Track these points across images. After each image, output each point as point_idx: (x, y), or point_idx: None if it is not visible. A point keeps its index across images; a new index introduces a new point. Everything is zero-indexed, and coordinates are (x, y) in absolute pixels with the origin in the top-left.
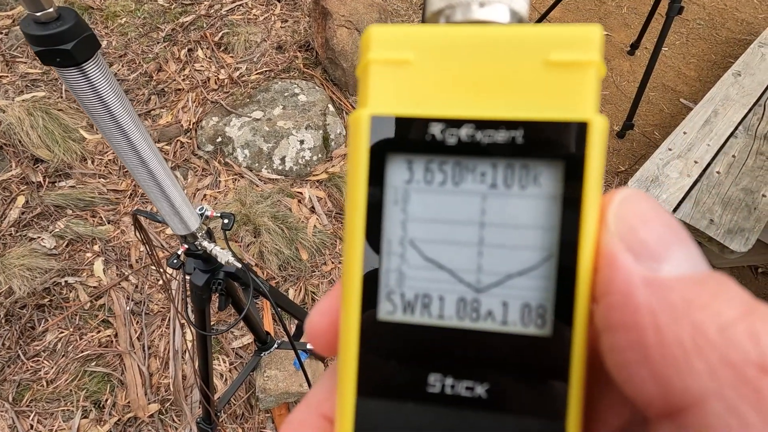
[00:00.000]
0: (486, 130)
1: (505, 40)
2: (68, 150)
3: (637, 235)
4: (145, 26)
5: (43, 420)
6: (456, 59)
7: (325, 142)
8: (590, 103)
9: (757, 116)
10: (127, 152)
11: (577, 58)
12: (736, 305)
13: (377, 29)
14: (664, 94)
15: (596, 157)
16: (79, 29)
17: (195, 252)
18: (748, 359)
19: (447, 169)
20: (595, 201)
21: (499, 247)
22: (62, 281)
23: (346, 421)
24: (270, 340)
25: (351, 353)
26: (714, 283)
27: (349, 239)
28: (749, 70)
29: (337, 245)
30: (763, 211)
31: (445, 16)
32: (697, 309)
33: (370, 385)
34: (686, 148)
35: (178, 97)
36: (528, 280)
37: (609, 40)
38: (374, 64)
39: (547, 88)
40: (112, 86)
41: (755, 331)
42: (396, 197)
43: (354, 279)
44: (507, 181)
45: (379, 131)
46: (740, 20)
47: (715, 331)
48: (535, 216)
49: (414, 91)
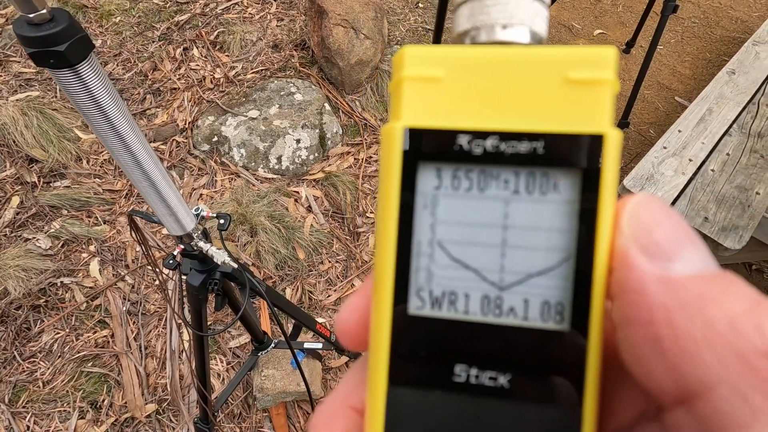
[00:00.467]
0: (509, 141)
1: (526, 59)
2: (63, 150)
3: (650, 236)
4: (140, 25)
5: (40, 421)
6: (482, 77)
7: (322, 141)
8: (606, 117)
9: (751, 114)
10: (122, 153)
11: (594, 76)
12: (744, 300)
13: (411, 49)
14: (660, 93)
15: (611, 167)
16: (73, 30)
17: (191, 252)
18: (754, 349)
19: (473, 177)
20: (610, 207)
21: (521, 249)
22: (58, 282)
23: (377, 408)
24: (267, 340)
25: (383, 345)
26: (723, 281)
27: (381, 240)
28: (743, 68)
29: (334, 244)
30: (757, 209)
31: (470, 37)
32: (707, 305)
33: (400, 374)
34: (681, 146)
35: (174, 97)
36: (547, 280)
37: (604, 38)
38: (407, 81)
39: (565, 104)
40: (106, 87)
41: (761, 324)
42: (426, 202)
43: (386, 277)
44: (528, 188)
45: (412, 142)
46: (735, 18)
47: (724, 325)
48: (554, 220)
49: (444, 105)
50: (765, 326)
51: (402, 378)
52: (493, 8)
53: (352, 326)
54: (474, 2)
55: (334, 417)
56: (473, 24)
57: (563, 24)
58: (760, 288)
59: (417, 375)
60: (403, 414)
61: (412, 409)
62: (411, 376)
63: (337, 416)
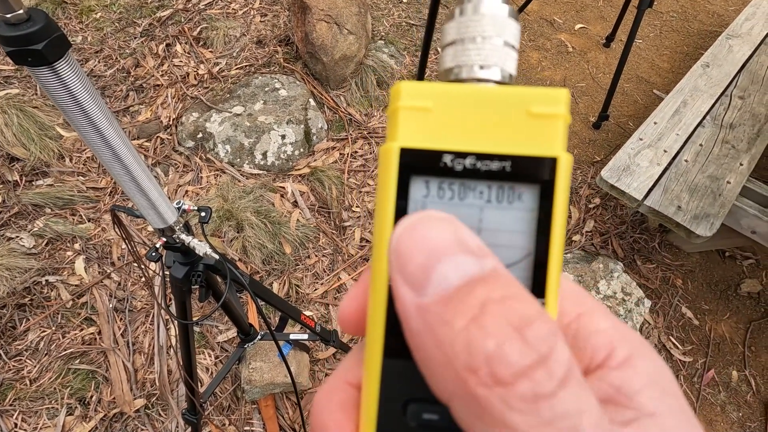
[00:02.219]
0: (484, 160)
1: (498, 95)
2: (45, 148)
3: (406, 268)
4: (121, 21)
5: (27, 418)
6: (463, 108)
7: (307, 136)
8: (559, 144)
9: (724, 106)
10: (102, 148)
11: (550, 111)
12: (464, 316)
13: (406, 84)
14: (639, 86)
15: (563, 182)
16: (50, 30)
17: (173, 245)
18: (465, 365)
19: (454, 188)
20: (562, 213)
21: (492, 246)
22: (43, 280)
23: (373, 378)
24: (253, 332)
25: (379, 324)
26: (458, 296)
27: (378, 238)
28: (717, 61)
29: (320, 239)
30: (727, 197)
31: (454, 73)
32: (441, 328)
33: (394, 348)
34: (656, 137)
35: (157, 93)
36: (513, 272)
37: (585, 32)
38: (403, 110)
39: (528, 132)
40: (83, 84)
41: (469, 341)
42: (416, 207)
43: (383, 268)
44: (498, 198)
45: (405, 159)
46: (711, 12)
47: (449, 347)
48: (519, 224)
49: (432, 130)
50: (473, 343)
51: (396, 351)
52: (472, 51)
53: (353, 312)
54: (457, 45)
55: (333, 392)
56: (456, 63)
57: (545, 19)
58: (732, 273)
59: (408, 349)
60: (396, 380)
61: (403, 377)
62: (403, 349)
63: (336, 391)
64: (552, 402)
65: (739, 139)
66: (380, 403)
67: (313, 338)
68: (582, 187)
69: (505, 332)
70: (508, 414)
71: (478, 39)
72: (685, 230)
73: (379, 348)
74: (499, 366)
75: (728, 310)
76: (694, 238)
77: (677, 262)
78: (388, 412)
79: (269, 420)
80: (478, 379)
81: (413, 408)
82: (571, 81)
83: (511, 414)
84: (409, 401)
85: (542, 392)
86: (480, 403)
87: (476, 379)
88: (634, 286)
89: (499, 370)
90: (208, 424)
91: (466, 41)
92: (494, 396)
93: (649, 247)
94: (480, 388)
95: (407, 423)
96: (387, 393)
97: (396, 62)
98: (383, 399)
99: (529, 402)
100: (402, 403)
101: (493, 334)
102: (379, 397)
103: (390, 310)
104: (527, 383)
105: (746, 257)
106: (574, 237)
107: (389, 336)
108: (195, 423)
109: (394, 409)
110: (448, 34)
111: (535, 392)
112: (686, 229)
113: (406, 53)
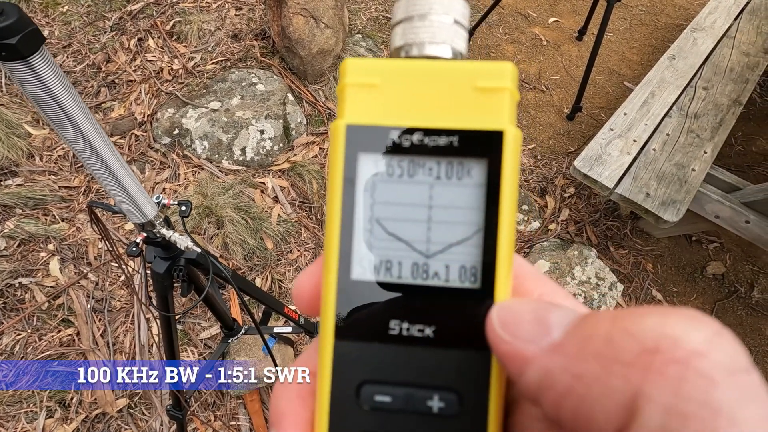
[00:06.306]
0: (431, 135)
1: (444, 71)
2: (13, 147)
3: (520, 327)
4: (90, 15)
5: (5, 423)
6: (410, 84)
7: (286, 131)
8: (506, 117)
9: (689, 97)
10: (79, 143)
11: (496, 84)
12: (605, 320)
13: (352, 61)
14: (610, 78)
15: (511, 157)
16: (23, 24)
17: (154, 240)
18: (632, 351)
19: (404, 165)
20: (511, 188)
21: (443, 223)
22: (16, 282)
23: (326, 359)
24: (237, 327)
25: (330, 305)
26: (583, 320)
27: (330, 219)
28: (683, 53)
29: (302, 233)
30: (693, 184)
31: (405, 50)
32: (587, 343)
33: (345, 330)
34: (626, 128)
35: (131, 89)
36: (464, 248)
37: (559, 26)
38: (349, 87)
39: (475, 106)
40: (58, 77)
41: (625, 328)
42: (365, 186)
43: (333, 248)
44: (448, 174)
45: (353, 136)
46: (678, 6)
47: (602, 346)
48: (469, 200)
49: (379, 106)
50: (632, 329)
51: (347, 333)
52: (420, 29)
53: (307, 291)
54: (406, 23)
55: (292, 380)
56: (405, 41)
57: (520, 12)
58: (699, 257)
59: (359, 330)
60: (348, 363)
61: (355, 359)
62: (354, 331)
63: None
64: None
65: (703, 129)
66: (333, 388)
67: (297, 330)
68: (557, 177)
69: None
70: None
71: (426, 17)
72: (654, 216)
73: (331, 331)
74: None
75: (695, 291)
76: (662, 223)
77: (647, 247)
78: (342, 397)
79: (255, 414)
80: (662, 355)
81: (366, 391)
82: (545, 74)
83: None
84: (363, 383)
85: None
86: (673, 376)
87: (661, 356)
88: (608, 271)
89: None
90: (194, 420)
91: (415, 19)
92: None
93: (621, 233)
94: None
95: (360, 406)
96: (340, 377)
97: (374, 56)
98: (336, 383)
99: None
100: (355, 387)
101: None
102: (332, 381)
103: (340, 289)
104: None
105: (711, 241)
106: (550, 225)
107: (340, 318)
108: (180, 419)
109: (348, 394)
110: (398, 13)
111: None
112: (655, 215)
113: (384, 47)
